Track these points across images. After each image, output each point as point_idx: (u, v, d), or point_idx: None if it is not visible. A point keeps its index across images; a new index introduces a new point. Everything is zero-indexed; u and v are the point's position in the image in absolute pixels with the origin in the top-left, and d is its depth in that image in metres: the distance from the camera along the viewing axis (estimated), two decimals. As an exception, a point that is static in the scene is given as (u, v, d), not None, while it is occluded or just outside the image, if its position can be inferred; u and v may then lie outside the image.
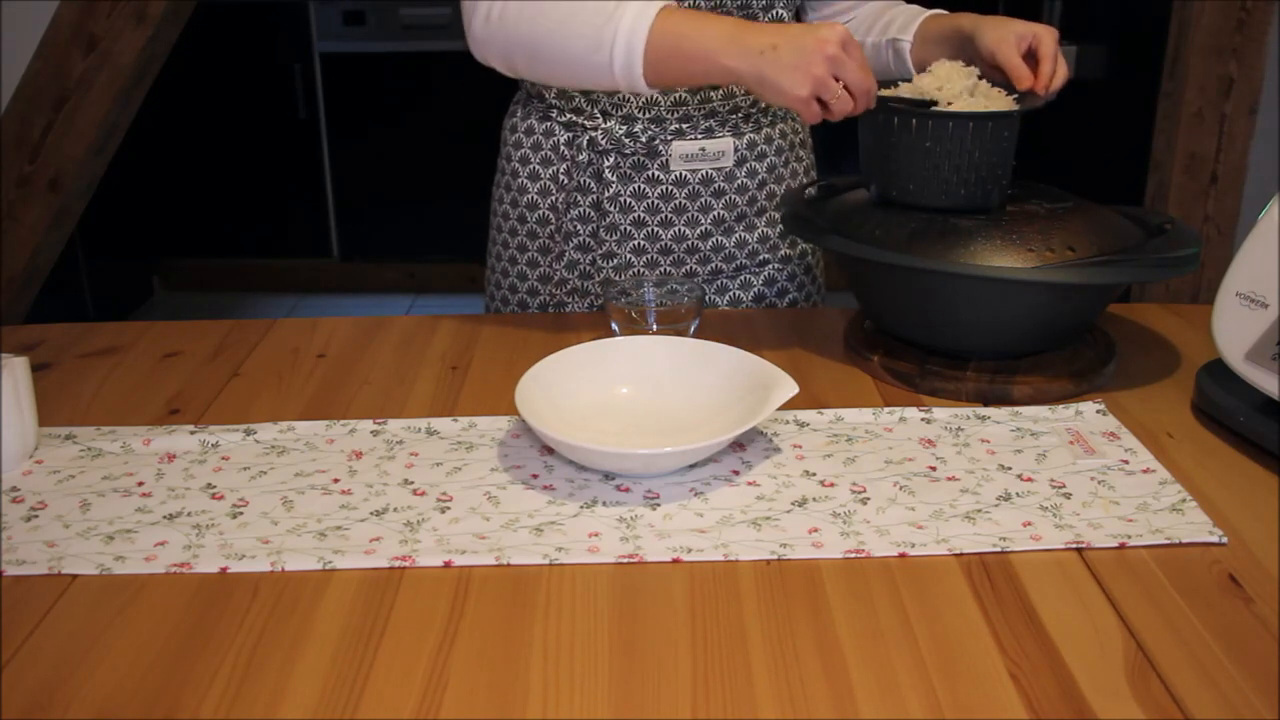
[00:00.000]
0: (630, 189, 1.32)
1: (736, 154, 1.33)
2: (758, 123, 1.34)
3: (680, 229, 1.33)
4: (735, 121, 1.32)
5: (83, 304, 3.49)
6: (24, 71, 2.36)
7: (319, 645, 0.74)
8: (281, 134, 3.83)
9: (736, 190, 1.34)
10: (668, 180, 1.32)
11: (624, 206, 1.32)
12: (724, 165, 1.32)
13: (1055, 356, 1.12)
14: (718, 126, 1.31)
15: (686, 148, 1.30)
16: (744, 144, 1.33)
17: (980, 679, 0.70)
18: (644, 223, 1.33)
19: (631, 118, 1.29)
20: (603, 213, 1.32)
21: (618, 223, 1.33)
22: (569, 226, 1.34)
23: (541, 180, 1.34)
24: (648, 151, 1.30)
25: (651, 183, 1.32)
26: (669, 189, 1.32)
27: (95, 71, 2.37)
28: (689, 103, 1.28)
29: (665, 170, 1.31)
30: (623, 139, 1.30)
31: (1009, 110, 1.11)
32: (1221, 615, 0.77)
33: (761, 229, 1.37)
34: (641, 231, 1.33)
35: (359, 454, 0.98)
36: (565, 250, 1.35)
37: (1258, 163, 2.41)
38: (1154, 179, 2.53)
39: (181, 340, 1.24)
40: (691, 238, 1.34)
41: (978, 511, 0.89)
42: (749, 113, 1.32)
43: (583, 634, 0.75)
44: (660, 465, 0.93)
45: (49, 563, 0.83)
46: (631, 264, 1.35)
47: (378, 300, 3.95)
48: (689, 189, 1.32)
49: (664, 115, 1.29)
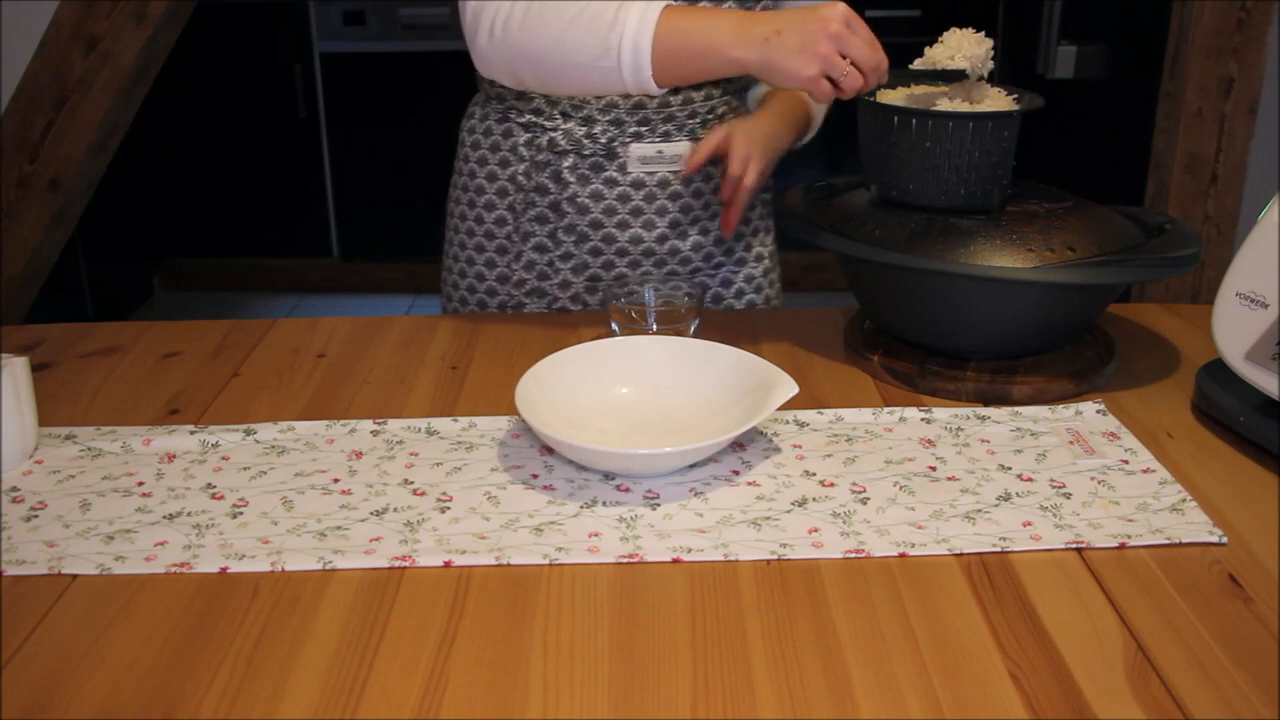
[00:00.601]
0: (588, 190, 1.32)
1: None
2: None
3: (636, 231, 1.33)
4: (693, 126, 1.31)
5: (83, 304, 3.49)
6: (24, 71, 2.36)
7: (319, 645, 0.74)
8: (281, 134, 3.83)
9: (693, 194, 1.34)
10: (625, 182, 1.31)
11: (581, 208, 1.32)
12: (681, 169, 1.32)
13: (1055, 356, 1.12)
14: (675, 130, 1.30)
15: (644, 150, 1.30)
16: None
17: (980, 679, 0.70)
18: (601, 224, 1.33)
19: (591, 119, 1.29)
20: (560, 213, 1.32)
21: (575, 224, 1.33)
22: (526, 227, 1.34)
23: (500, 180, 1.34)
24: (606, 153, 1.30)
25: (609, 184, 1.31)
26: (626, 190, 1.32)
27: (95, 71, 2.37)
28: (648, 106, 1.28)
29: (623, 172, 1.31)
30: (582, 140, 1.29)
31: (1009, 110, 1.11)
32: (1221, 615, 0.77)
33: (717, 233, 1.37)
34: (598, 233, 1.33)
35: (359, 454, 0.98)
36: (523, 250, 1.35)
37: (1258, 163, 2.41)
38: (1154, 179, 2.53)
39: (181, 340, 1.24)
40: (648, 240, 1.34)
41: (978, 511, 0.89)
42: (706, 118, 1.32)
43: (583, 634, 0.75)
44: (660, 465, 0.93)
45: (49, 563, 0.83)
46: (588, 265, 1.34)
47: (378, 300, 3.95)
48: (645, 191, 1.32)
49: (623, 118, 1.29)
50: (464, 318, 1.31)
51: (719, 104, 1.33)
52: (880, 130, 1.13)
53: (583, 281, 1.35)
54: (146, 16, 2.33)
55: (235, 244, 3.99)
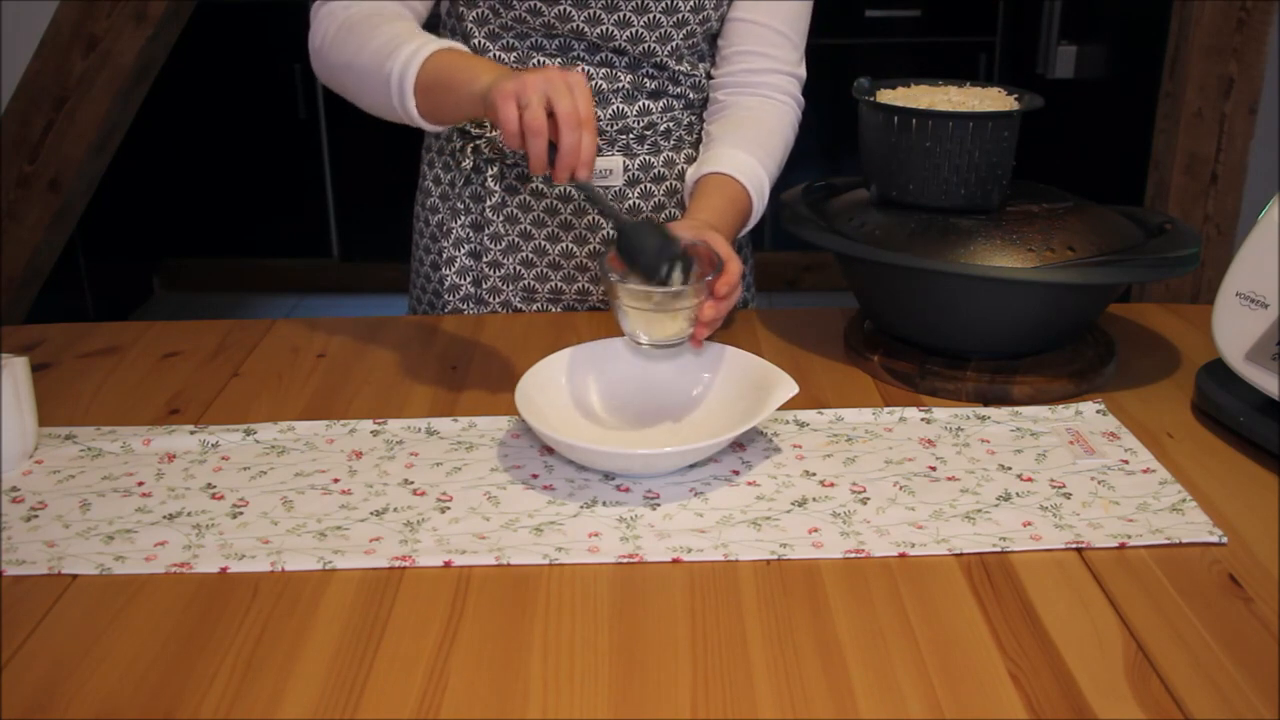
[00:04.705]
0: (516, 200, 1.31)
1: (627, 173, 1.30)
2: (656, 145, 1.31)
3: (568, 245, 1.32)
4: (627, 141, 1.29)
5: (83, 304, 3.49)
6: (24, 71, 2.36)
7: (319, 645, 0.74)
8: (281, 134, 3.82)
9: (628, 210, 1.32)
10: (552, 195, 1.30)
11: (509, 217, 1.31)
12: (612, 184, 1.30)
13: (1055, 356, 1.12)
14: (605, 146, 1.28)
15: None
16: (636, 165, 1.30)
17: (980, 679, 0.70)
18: (530, 235, 1.32)
19: None
20: (486, 220, 1.32)
21: (503, 233, 1.32)
22: (459, 233, 1.33)
23: (442, 185, 1.34)
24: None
25: (536, 195, 1.30)
26: (554, 203, 1.30)
27: (95, 71, 2.37)
28: None
29: (550, 184, 1.30)
30: (503, 150, 1.29)
31: (1009, 110, 1.11)
32: (1221, 615, 0.77)
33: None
34: (529, 244, 1.32)
35: (359, 454, 0.98)
36: (457, 256, 1.34)
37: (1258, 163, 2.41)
38: (1154, 179, 2.53)
39: (181, 340, 1.24)
40: (579, 255, 1.32)
41: (978, 511, 0.89)
42: (643, 134, 1.29)
43: (583, 634, 0.75)
44: (660, 465, 0.93)
45: (49, 563, 0.83)
46: (520, 276, 1.33)
47: (378, 300, 3.95)
48: (574, 205, 1.30)
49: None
50: (464, 318, 1.31)
51: (659, 119, 1.29)
52: (880, 130, 1.13)
53: (517, 291, 1.34)
54: (146, 16, 2.34)
55: (235, 244, 3.99)
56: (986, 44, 3.69)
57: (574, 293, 1.34)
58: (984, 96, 1.16)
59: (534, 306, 1.35)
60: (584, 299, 1.35)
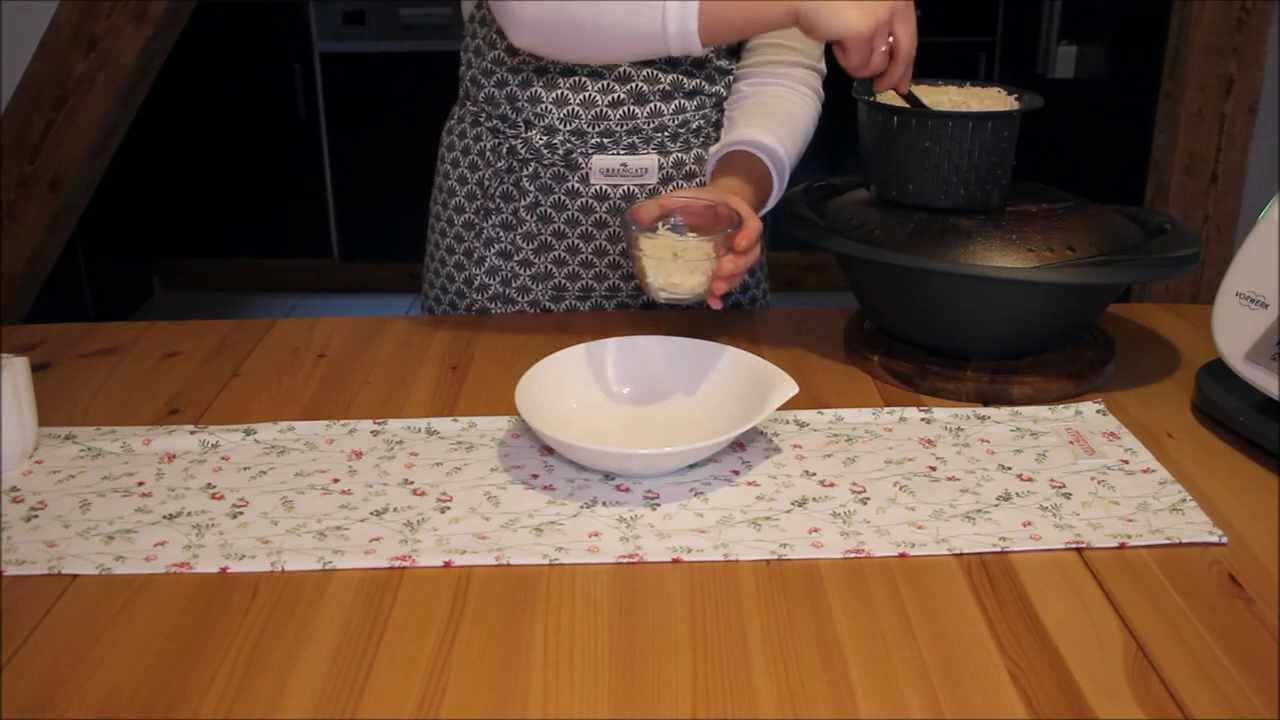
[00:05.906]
0: (550, 200, 1.30)
1: (661, 171, 1.30)
2: (688, 143, 1.31)
3: (601, 243, 1.32)
4: (661, 140, 1.29)
5: (83, 304, 3.49)
6: (24, 71, 2.36)
7: (319, 645, 0.74)
8: (281, 134, 3.83)
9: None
10: (588, 194, 1.30)
11: (543, 217, 1.31)
12: (647, 182, 1.30)
13: (1055, 356, 1.12)
14: (641, 144, 1.29)
15: (608, 162, 1.28)
16: (670, 162, 1.31)
17: (980, 679, 0.70)
18: (564, 234, 1.31)
19: (552, 129, 1.27)
20: (520, 220, 1.32)
21: (536, 232, 1.32)
22: (490, 233, 1.33)
23: (469, 185, 1.34)
24: (566, 164, 1.29)
25: (571, 195, 1.30)
26: (589, 202, 1.30)
27: (95, 71, 2.37)
28: (610, 118, 1.26)
29: (585, 184, 1.30)
30: (541, 150, 1.28)
31: (1009, 110, 1.11)
32: (1221, 615, 0.77)
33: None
34: (562, 243, 1.32)
35: (359, 454, 0.98)
36: (486, 256, 1.34)
37: (1258, 163, 2.41)
38: (1154, 179, 2.53)
39: (181, 340, 1.24)
40: (613, 253, 1.32)
41: (978, 511, 0.89)
42: (677, 132, 1.30)
43: (583, 634, 0.75)
44: (660, 465, 0.93)
45: (49, 563, 0.83)
46: (551, 275, 1.33)
47: (378, 300, 3.95)
48: (610, 204, 1.30)
49: (585, 129, 1.27)
50: (464, 318, 1.31)
51: (692, 117, 1.30)
52: (880, 130, 1.13)
53: (546, 290, 1.34)
54: (146, 16, 2.34)
55: (235, 244, 3.99)
56: (986, 44, 3.69)
57: (604, 289, 1.34)
58: (984, 96, 1.16)
59: (563, 305, 1.35)
60: (614, 295, 1.35)
